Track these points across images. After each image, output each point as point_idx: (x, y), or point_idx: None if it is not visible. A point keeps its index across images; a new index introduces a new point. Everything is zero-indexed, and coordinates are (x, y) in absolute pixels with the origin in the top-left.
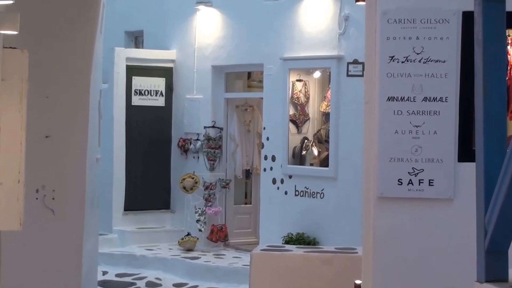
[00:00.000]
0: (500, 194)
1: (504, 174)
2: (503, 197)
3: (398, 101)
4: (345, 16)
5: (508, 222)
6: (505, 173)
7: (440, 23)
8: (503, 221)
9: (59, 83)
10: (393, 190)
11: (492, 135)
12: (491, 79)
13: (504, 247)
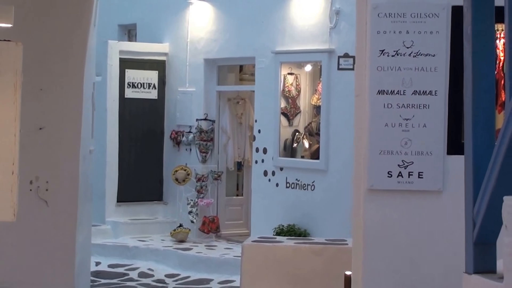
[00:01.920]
0: (488, 187)
1: (492, 167)
2: (491, 190)
3: (388, 95)
4: (336, 10)
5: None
6: (493, 166)
7: (430, 17)
8: (491, 213)
9: (53, 75)
10: (383, 182)
11: (481, 128)
12: (480, 73)
13: (492, 239)
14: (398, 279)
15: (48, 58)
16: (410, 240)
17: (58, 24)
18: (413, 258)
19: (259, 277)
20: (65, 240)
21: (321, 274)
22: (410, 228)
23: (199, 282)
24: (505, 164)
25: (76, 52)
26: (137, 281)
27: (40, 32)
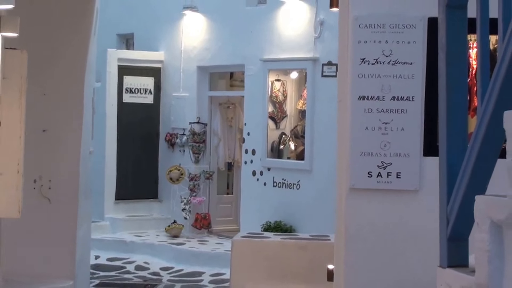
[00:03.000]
0: (461, 187)
1: (465, 168)
2: (464, 189)
3: (369, 100)
4: (320, 21)
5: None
6: (466, 168)
7: (408, 28)
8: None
9: (56, 81)
10: (364, 182)
11: (454, 132)
12: (454, 80)
13: (465, 235)
14: (377, 272)
15: (51, 65)
16: (388, 235)
17: (60, 34)
18: (391, 253)
19: (247, 270)
20: (66, 235)
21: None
22: (388, 225)
23: (191, 274)
24: (477, 166)
25: (77, 60)
26: (133, 273)
27: (44, 41)
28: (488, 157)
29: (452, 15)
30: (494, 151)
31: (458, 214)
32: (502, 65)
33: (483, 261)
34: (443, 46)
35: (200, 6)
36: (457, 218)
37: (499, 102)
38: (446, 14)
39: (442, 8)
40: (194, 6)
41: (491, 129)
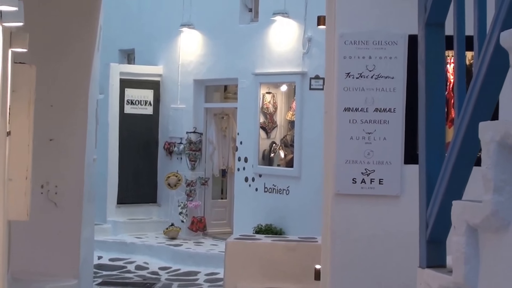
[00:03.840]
0: (439, 193)
1: (442, 175)
2: (442, 195)
3: (353, 111)
4: (308, 38)
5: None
6: (444, 175)
7: (390, 44)
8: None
9: (62, 93)
10: (349, 188)
11: (433, 141)
12: (432, 93)
13: (443, 238)
14: (361, 271)
15: (58, 78)
16: (372, 238)
17: (66, 49)
18: (374, 254)
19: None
20: (71, 236)
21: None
22: (371, 228)
23: (188, 274)
24: (454, 173)
25: (82, 73)
26: (134, 273)
27: (51, 56)
28: (464, 165)
29: (431, 32)
30: (470, 159)
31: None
32: (477, 79)
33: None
34: (423, 61)
35: (196, 23)
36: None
37: (475, 114)
38: (426, 32)
39: (422, 26)
40: (190, 23)
41: (467, 139)
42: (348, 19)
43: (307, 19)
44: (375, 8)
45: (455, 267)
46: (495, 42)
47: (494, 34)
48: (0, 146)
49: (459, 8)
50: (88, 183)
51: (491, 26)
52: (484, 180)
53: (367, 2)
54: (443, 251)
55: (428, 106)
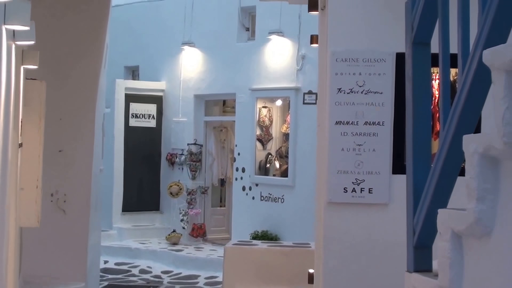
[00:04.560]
0: (425, 201)
1: (429, 185)
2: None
3: (344, 125)
4: (302, 55)
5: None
6: (430, 184)
7: (378, 62)
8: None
9: (71, 108)
10: (340, 196)
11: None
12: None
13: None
14: (352, 275)
15: (67, 93)
16: (362, 243)
17: (75, 66)
18: (364, 258)
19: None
20: (79, 242)
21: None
22: (362, 234)
23: (189, 277)
24: (439, 183)
25: (90, 89)
26: (138, 276)
27: (61, 72)
28: (449, 175)
29: (417, 51)
30: (454, 170)
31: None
32: (461, 95)
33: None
34: (410, 78)
35: (196, 42)
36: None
37: (459, 127)
38: (412, 50)
39: (409, 44)
40: (191, 42)
41: (451, 150)
42: (339, 38)
43: (300, 38)
44: (365, 28)
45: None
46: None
47: (477, 52)
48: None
49: (443, 27)
50: (95, 191)
51: (474, 44)
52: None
53: (357, 22)
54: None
55: (414, 119)
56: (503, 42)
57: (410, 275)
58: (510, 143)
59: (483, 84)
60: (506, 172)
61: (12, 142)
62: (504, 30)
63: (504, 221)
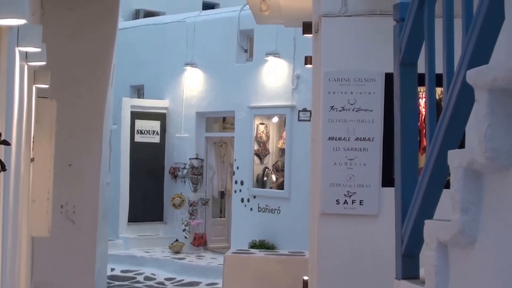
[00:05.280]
0: (413, 212)
1: (416, 197)
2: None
3: (337, 140)
4: (297, 75)
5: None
6: (417, 196)
7: (369, 81)
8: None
9: (80, 124)
10: (333, 208)
11: (407, 166)
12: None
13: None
14: (344, 281)
15: (76, 111)
16: (353, 252)
17: (84, 85)
18: (355, 266)
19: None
20: (87, 251)
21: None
22: (353, 243)
23: (190, 284)
24: (426, 195)
25: (98, 107)
26: (143, 283)
27: (70, 91)
28: (435, 188)
29: (405, 71)
30: (440, 183)
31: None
32: (446, 112)
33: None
34: (398, 96)
35: (198, 62)
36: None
37: (444, 143)
38: (400, 70)
39: (397, 65)
40: (193, 62)
41: (437, 165)
42: (332, 59)
43: (295, 59)
44: (356, 50)
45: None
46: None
47: (461, 72)
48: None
49: (429, 49)
50: (102, 203)
51: (458, 65)
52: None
53: (349, 44)
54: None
55: (402, 135)
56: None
57: (399, 282)
58: (492, 158)
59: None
60: (488, 185)
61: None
62: (486, 52)
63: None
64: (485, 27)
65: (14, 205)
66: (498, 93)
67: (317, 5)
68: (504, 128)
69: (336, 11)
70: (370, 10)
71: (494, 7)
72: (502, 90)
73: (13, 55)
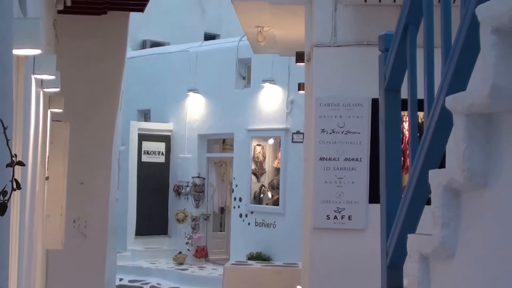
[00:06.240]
0: (397, 227)
1: (400, 213)
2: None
3: (327, 160)
4: (291, 100)
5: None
6: (401, 212)
7: (356, 106)
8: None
9: (91, 145)
10: (324, 222)
11: (392, 185)
12: (391, 146)
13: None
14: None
15: (88, 133)
16: (342, 263)
17: (95, 110)
18: (344, 276)
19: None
20: (97, 262)
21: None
22: (342, 255)
23: None
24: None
25: (107, 129)
26: None
27: (82, 115)
28: (417, 205)
29: (389, 97)
30: (422, 200)
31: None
32: (427, 135)
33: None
34: (383, 120)
35: (200, 88)
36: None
37: (425, 163)
38: (385, 96)
39: (382, 91)
40: (195, 88)
41: (419, 183)
42: (323, 85)
43: (289, 85)
44: (345, 77)
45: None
46: (442, 104)
47: (440, 98)
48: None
49: (412, 77)
50: (111, 218)
51: (438, 91)
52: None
53: (338, 72)
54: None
55: (387, 156)
56: (463, 89)
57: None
58: (469, 177)
59: (446, 126)
60: (466, 202)
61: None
62: (464, 79)
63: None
64: (462, 57)
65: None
66: (475, 117)
67: (309, 36)
68: (480, 150)
69: (326, 41)
70: (357, 41)
71: (471, 39)
72: (479, 115)
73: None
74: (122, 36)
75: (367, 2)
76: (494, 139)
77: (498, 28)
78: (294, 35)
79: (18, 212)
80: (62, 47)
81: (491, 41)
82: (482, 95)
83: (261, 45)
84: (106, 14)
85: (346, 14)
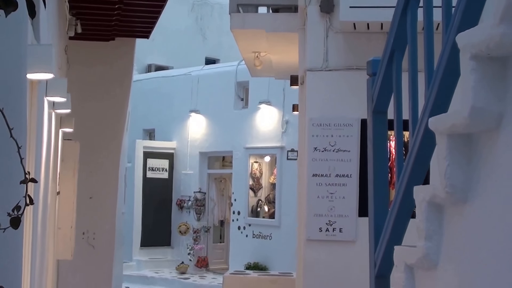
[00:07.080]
0: (384, 239)
1: (387, 226)
2: (386, 241)
3: (319, 177)
4: (286, 120)
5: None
6: (388, 225)
7: (347, 126)
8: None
9: (99, 163)
10: (316, 235)
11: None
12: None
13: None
14: None
15: (96, 151)
16: (334, 273)
17: (103, 129)
18: (335, 285)
19: None
20: (105, 272)
21: None
22: (334, 265)
23: None
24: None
25: (114, 148)
26: None
27: (92, 134)
28: (403, 218)
29: (376, 118)
30: (407, 213)
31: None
32: (412, 153)
33: None
34: (371, 139)
35: (201, 109)
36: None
37: (411, 179)
38: (373, 117)
39: (370, 113)
40: (197, 109)
41: (405, 198)
42: (315, 107)
43: (284, 107)
44: (336, 99)
45: None
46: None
47: (424, 119)
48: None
49: (397, 99)
50: (118, 230)
51: (422, 113)
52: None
53: (330, 94)
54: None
55: (375, 172)
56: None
57: None
58: (451, 193)
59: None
60: (448, 216)
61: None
62: (445, 102)
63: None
64: (444, 81)
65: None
66: (456, 137)
67: (303, 61)
68: (461, 167)
69: (318, 66)
70: (347, 66)
71: (452, 64)
72: (459, 135)
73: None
74: (129, 61)
75: (356, 30)
76: (473, 157)
77: (477, 55)
78: (289, 60)
79: (31, 225)
80: (73, 71)
81: (471, 66)
82: (462, 116)
83: (258, 69)
84: (114, 40)
85: (337, 41)
